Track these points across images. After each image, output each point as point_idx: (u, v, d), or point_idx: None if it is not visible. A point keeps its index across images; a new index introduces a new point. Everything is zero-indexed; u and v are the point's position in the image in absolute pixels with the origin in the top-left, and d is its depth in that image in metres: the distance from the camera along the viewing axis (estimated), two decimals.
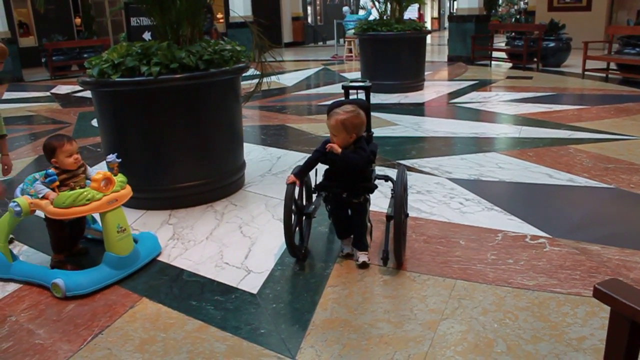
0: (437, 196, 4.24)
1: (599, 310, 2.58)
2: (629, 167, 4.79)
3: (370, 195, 3.15)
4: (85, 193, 2.93)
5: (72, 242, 3.39)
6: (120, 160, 3.16)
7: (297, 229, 3.27)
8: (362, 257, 3.12)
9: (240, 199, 4.38)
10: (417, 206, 4.02)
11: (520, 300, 2.73)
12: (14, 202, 3.03)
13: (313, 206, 3.32)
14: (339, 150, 2.91)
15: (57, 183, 2.97)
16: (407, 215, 3.25)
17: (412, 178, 4.68)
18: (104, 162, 3.20)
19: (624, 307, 1.32)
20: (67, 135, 3.16)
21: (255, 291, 2.93)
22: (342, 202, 3.12)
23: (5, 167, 3.92)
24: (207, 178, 4.19)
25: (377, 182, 3.27)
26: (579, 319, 2.55)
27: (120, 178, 3.12)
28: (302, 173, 3.11)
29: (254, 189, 4.58)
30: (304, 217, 3.33)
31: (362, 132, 3.04)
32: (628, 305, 1.30)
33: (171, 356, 2.40)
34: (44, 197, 2.98)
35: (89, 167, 3.25)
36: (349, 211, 3.15)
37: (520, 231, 3.55)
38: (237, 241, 3.58)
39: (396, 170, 3.16)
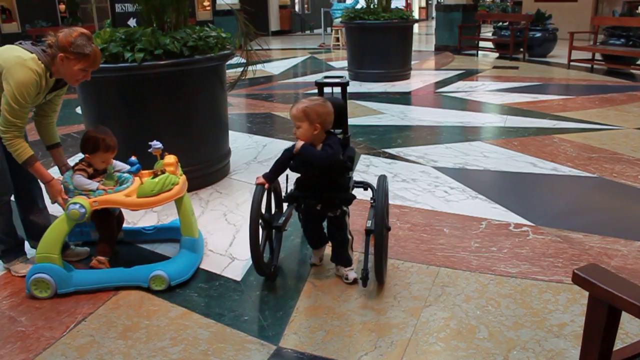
0: (422, 184, 4.26)
1: (580, 297, 2.61)
2: (612, 157, 4.84)
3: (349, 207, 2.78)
4: (169, 178, 2.79)
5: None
6: (162, 146, 2.88)
7: (267, 243, 2.91)
8: (351, 273, 2.82)
9: (225, 186, 4.36)
10: (402, 194, 4.03)
11: (502, 287, 2.76)
12: (75, 203, 2.62)
13: (283, 217, 2.90)
14: (300, 144, 2.57)
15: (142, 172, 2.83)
16: (389, 228, 2.87)
17: (397, 166, 4.70)
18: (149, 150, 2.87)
19: (601, 291, 1.33)
20: (114, 140, 2.89)
21: (239, 278, 2.93)
22: (315, 215, 2.80)
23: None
24: (192, 166, 4.15)
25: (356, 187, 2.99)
26: (560, 306, 2.57)
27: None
28: (272, 175, 2.73)
29: (239, 177, 4.57)
30: (273, 231, 2.95)
31: (329, 124, 2.63)
32: (606, 290, 1.32)
33: (154, 343, 2.40)
34: (101, 191, 2.74)
35: (114, 161, 2.98)
36: (324, 223, 2.86)
37: (504, 219, 3.57)
38: (221, 229, 3.58)
39: (376, 178, 2.83)
